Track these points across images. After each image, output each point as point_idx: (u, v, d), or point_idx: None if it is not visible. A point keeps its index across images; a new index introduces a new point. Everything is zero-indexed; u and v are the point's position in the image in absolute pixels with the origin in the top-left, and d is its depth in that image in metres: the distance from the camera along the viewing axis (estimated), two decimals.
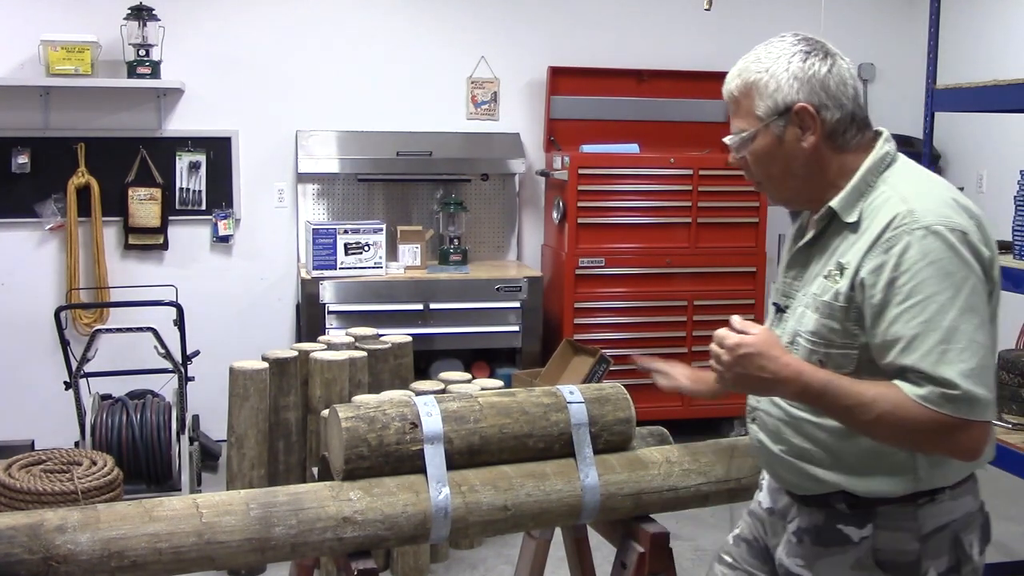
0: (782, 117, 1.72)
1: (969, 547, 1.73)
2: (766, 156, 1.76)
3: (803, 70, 1.72)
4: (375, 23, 5.58)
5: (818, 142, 1.73)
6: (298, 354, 4.03)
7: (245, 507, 1.91)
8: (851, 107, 1.74)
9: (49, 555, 1.76)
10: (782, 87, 1.72)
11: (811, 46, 1.75)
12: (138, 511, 1.86)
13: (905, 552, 1.69)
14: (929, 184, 1.72)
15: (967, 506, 1.75)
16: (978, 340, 1.59)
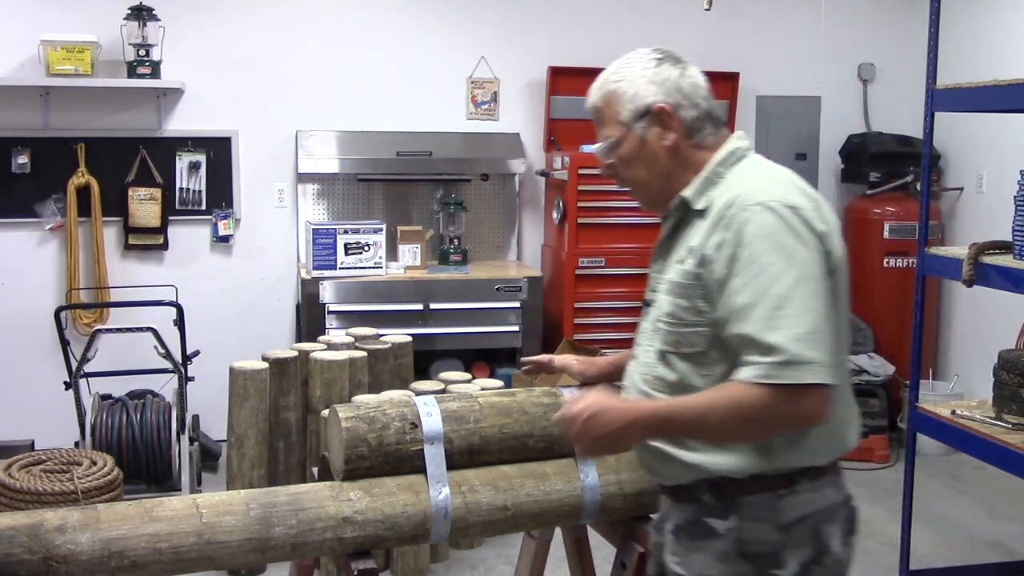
0: (643, 119, 1.84)
1: (829, 539, 1.75)
2: (633, 158, 1.86)
3: (658, 74, 1.85)
4: (375, 23, 5.58)
5: (678, 140, 1.84)
6: (298, 354, 4.03)
7: (245, 507, 1.91)
8: (706, 106, 1.87)
9: (49, 555, 1.76)
10: (640, 91, 1.83)
11: (663, 55, 1.89)
12: (138, 511, 1.86)
13: (766, 543, 1.72)
14: (772, 172, 1.82)
15: (829, 497, 1.76)
16: (812, 307, 1.64)
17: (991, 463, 3.44)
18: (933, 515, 4.63)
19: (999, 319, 5.09)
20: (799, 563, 1.72)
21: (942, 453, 5.30)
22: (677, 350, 1.78)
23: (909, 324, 3.94)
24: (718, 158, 1.83)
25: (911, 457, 3.80)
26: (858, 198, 5.97)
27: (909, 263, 5.46)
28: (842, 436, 1.79)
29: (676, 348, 1.78)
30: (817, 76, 5.95)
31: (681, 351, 1.78)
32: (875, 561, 4.15)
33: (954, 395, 5.18)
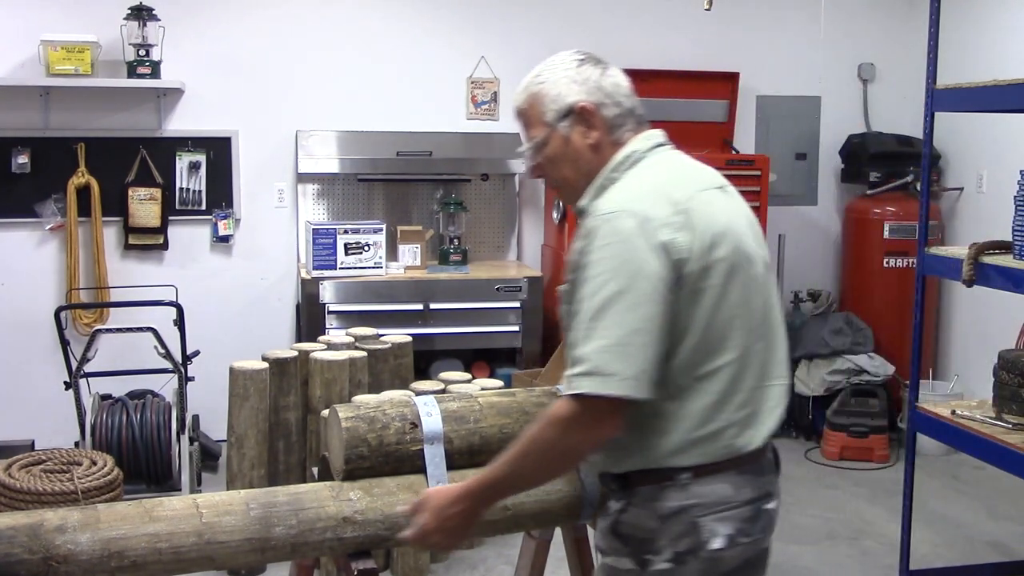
0: (567, 118, 1.87)
1: (709, 535, 1.74)
2: (558, 158, 1.90)
3: (579, 74, 1.88)
4: (375, 23, 5.58)
5: (601, 137, 1.87)
6: (298, 354, 4.03)
7: (245, 507, 1.91)
8: (628, 104, 1.90)
9: (49, 555, 1.76)
10: (563, 91, 1.87)
11: (584, 56, 1.92)
12: (138, 511, 1.86)
13: (643, 528, 1.76)
14: (645, 179, 1.82)
15: (718, 493, 1.75)
16: (626, 320, 1.65)
17: (991, 463, 3.44)
18: (933, 515, 4.63)
19: (999, 319, 5.09)
20: (673, 552, 1.74)
21: (942, 453, 5.30)
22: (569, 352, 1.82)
23: (909, 324, 3.94)
24: (613, 163, 1.86)
25: (911, 457, 3.80)
26: (858, 198, 5.97)
27: (909, 263, 5.46)
28: (727, 438, 1.76)
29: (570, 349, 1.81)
30: (817, 76, 5.95)
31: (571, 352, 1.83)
32: (875, 561, 4.15)
33: (954, 395, 5.18)
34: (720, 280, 1.74)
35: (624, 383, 1.64)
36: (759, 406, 1.80)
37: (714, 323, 1.73)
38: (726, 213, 1.82)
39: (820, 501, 4.82)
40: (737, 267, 1.77)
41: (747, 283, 1.79)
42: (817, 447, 5.57)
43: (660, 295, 1.67)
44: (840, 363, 5.55)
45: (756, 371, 1.79)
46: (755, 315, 1.80)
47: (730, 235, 1.78)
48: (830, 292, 6.08)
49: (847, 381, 5.51)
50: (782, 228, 5.86)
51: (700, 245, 1.72)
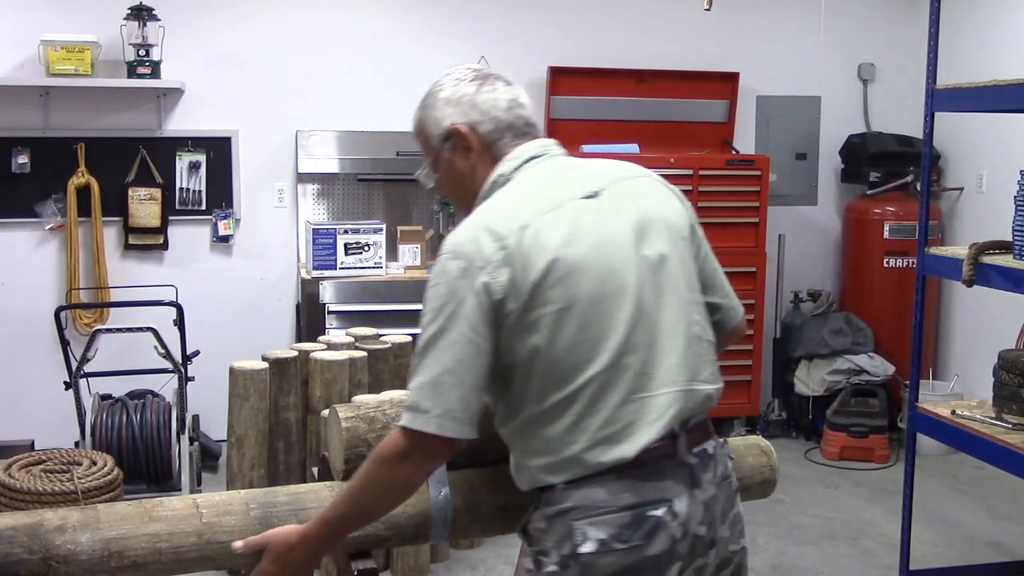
0: (447, 141, 1.90)
1: (582, 539, 1.72)
2: (448, 181, 1.95)
3: (454, 94, 1.90)
4: (375, 23, 5.58)
5: (477, 159, 1.89)
6: (298, 354, 4.03)
7: (245, 507, 1.91)
8: (506, 118, 1.89)
9: (49, 555, 1.75)
10: (439, 115, 1.90)
11: (463, 74, 1.93)
12: (138, 511, 1.86)
13: (538, 529, 1.79)
14: (495, 207, 1.82)
15: (591, 498, 1.73)
16: (440, 360, 1.70)
17: (991, 463, 3.44)
18: (933, 515, 4.63)
19: (999, 319, 5.09)
20: (559, 554, 1.74)
21: (942, 453, 5.30)
22: None
23: (909, 324, 3.94)
24: (484, 189, 1.88)
25: (911, 457, 3.80)
26: (858, 198, 5.97)
27: (909, 263, 5.46)
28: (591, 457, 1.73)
29: None
30: (817, 76, 5.95)
31: None
32: (875, 561, 4.15)
33: (954, 395, 5.18)
34: (553, 310, 1.72)
35: (431, 420, 1.69)
36: (635, 418, 1.74)
37: (555, 353, 1.72)
38: (570, 235, 1.74)
39: (820, 501, 4.82)
40: (575, 293, 1.72)
41: (597, 303, 1.73)
42: (817, 447, 5.57)
43: (475, 336, 1.71)
44: (840, 363, 5.55)
45: (626, 386, 1.74)
46: (619, 330, 1.73)
47: (565, 261, 1.72)
48: (830, 292, 6.08)
49: (847, 381, 5.51)
50: (782, 228, 5.86)
51: (523, 281, 1.71)
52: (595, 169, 1.90)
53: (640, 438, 1.74)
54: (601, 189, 1.83)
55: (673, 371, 1.78)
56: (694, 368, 1.80)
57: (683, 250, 1.85)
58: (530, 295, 1.71)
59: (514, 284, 1.71)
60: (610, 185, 1.85)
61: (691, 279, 1.86)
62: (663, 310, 1.78)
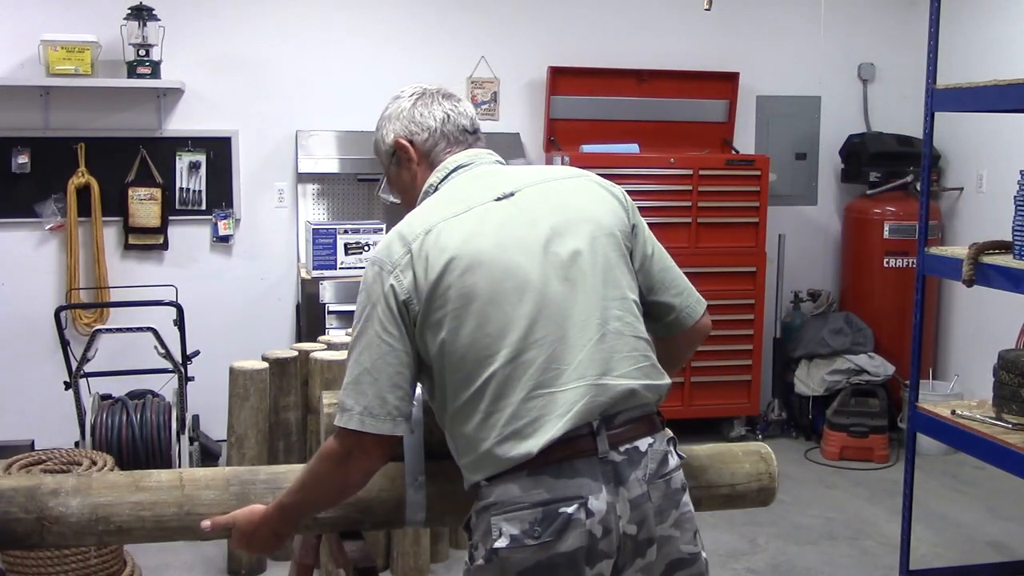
0: (393, 156, 2.01)
1: (497, 533, 1.78)
2: (399, 192, 2.06)
3: (395, 111, 2.01)
4: (375, 23, 5.59)
5: (417, 167, 1.99)
6: (298, 354, 4.04)
7: (226, 483, 2.00)
8: (440, 127, 1.97)
9: (43, 516, 1.89)
10: (384, 133, 2.02)
11: (405, 92, 2.03)
12: (127, 481, 1.98)
13: (471, 523, 1.88)
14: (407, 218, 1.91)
15: (507, 494, 1.77)
16: (360, 361, 1.80)
17: (991, 463, 3.44)
18: (933, 515, 4.63)
19: (999, 319, 5.10)
20: (484, 549, 1.82)
21: (942, 453, 5.30)
22: None
23: (909, 324, 3.94)
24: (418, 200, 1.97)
25: (911, 457, 3.80)
26: (858, 198, 5.97)
27: (909, 263, 5.46)
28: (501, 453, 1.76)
29: None
30: (817, 76, 5.95)
31: None
32: (875, 561, 4.15)
33: (954, 395, 5.18)
34: (453, 307, 1.78)
35: (353, 418, 1.78)
36: (541, 414, 1.75)
37: (458, 349, 1.78)
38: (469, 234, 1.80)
39: (820, 501, 4.82)
40: (473, 288, 1.77)
41: (497, 299, 1.77)
42: (817, 447, 5.57)
43: (386, 336, 1.80)
44: (840, 363, 5.55)
45: (530, 381, 1.76)
46: (519, 325, 1.76)
47: (463, 258, 1.78)
48: (830, 292, 6.09)
49: (847, 381, 5.51)
50: (782, 228, 5.87)
51: (424, 281, 1.79)
52: (518, 174, 1.95)
53: (546, 433, 1.75)
54: (516, 190, 1.88)
55: (583, 366, 1.78)
56: (607, 362, 1.80)
57: (607, 247, 1.86)
58: (430, 294, 1.79)
59: (416, 285, 1.80)
60: (527, 187, 1.89)
61: (613, 275, 1.85)
62: (573, 306, 1.80)
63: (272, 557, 4.03)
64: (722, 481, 2.19)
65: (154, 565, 3.93)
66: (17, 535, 1.88)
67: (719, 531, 4.28)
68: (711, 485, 2.20)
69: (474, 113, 2.04)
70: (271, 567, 4.00)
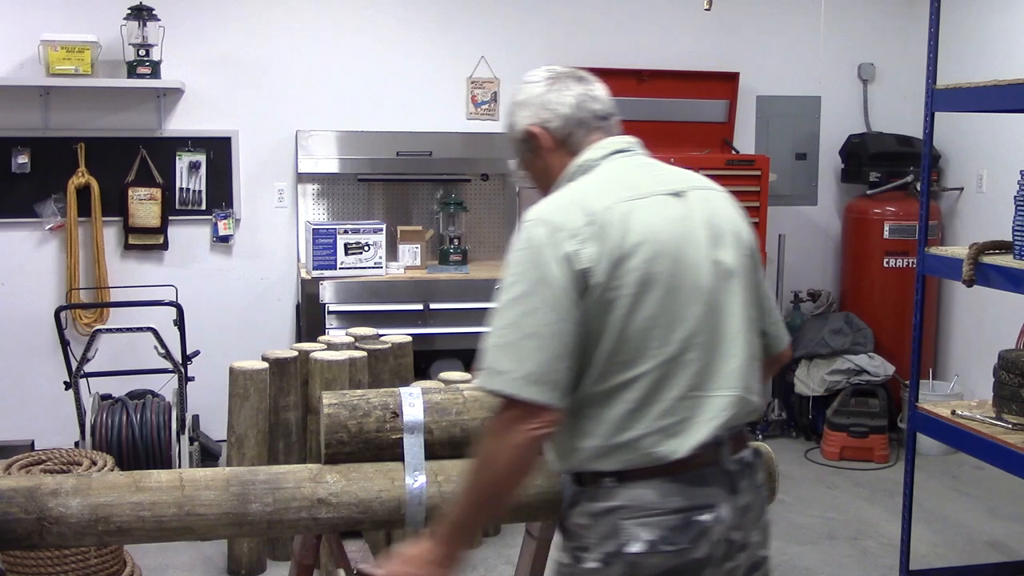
0: (525, 142, 1.99)
1: (630, 539, 1.75)
2: (532, 177, 2.05)
3: (525, 97, 1.98)
4: (375, 23, 5.58)
5: (551, 153, 1.96)
6: (298, 354, 4.04)
7: (226, 484, 2.00)
8: (574, 113, 1.93)
9: (43, 516, 1.88)
10: (516, 119, 1.99)
11: (537, 77, 1.99)
12: (127, 481, 1.98)
13: (579, 526, 1.81)
14: (578, 188, 1.86)
15: (641, 498, 1.76)
16: (521, 323, 1.71)
17: (991, 463, 3.44)
18: (933, 515, 4.63)
19: (999, 319, 5.10)
20: (602, 552, 1.77)
21: (942, 453, 5.30)
22: None
23: (909, 324, 3.94)
24: (567, 172, 1.92)
25: (911, 457, 3.80)
26: (858, 198, 5.97)
27: (909, 263, 5.46)
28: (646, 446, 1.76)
29: None
30: (817, 76, 5.95)
31: None
32: (875, 561, 4.15)
33: (954, 395, 5.18)
34: (632, 290, 1.74)
35: (512, 382, 1.69)
36: (690, 415, 1.78)
37: (627, 333, 1.75)
38: (656, 222, 1.79)
39: (820, 501, 4.82)
40: (656, 277, 1.76)
41: (674, 292, 1.77)
42: (817, 447, 5.57)
43: (560, 304, 1.72)
44: (840, 363, 5.56)
45: (685, 381, 1.77)
46: (687, 324, 1.77)
47: (651, 244, 1.76)
48: (830, 292, 6.08)
49: (847, 381, 5.51)
50: (782, 228, 5.87)
51: (609, 256, 1.74)
52: (678, 173, 1.95)
53: (694, 435, 1.77)
54: (685, 191, 1.88)
55: (732, 377, 1.82)
56: (749, 378, 1.85)
57: (749, 266, 1.90)
58: (612, 271, 1.74)
59: (601, 258, 1.74)
60: (692, 190, 1.90)
61: (753, 297, 1.90)
62: (729, 317, 1.83)
63: (272, 556, 4.03)
64: None
65: (154, 565, 3.93)
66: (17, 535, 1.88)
67: None
68: None
69: (607, 95, 1.99)
70: (271, 567, 4.00)
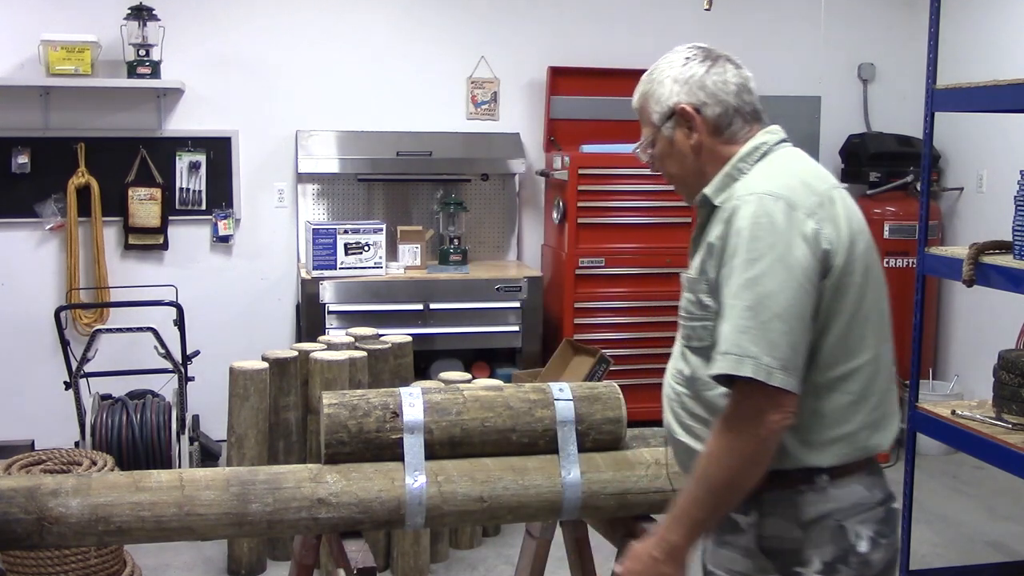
0: (670, 120, 1.87)
1: (856, 538, 1.71)
2: (665, 157, 1.91)
3: (682, 73, 1.87)
4: (375, 23, 5.58)
5: (702, 138, 1.85)
6: (298, 354, 4.04)
7: (226, 484, 2.00)
8: (733, 102, 1.87)
9: (43, 516, 1.89)
10: (666, 93, 1.87)
11: (694, 52, 1.91)
12: (127, 481, 1.98)
13: (787, 539, 1.71)
14: (787, 167, 1.80)
15: (855, 495, 1.73)
16: (766, 305, 1.62)
17: (991, 463, 3.44)
18: (933, 515, 4.63)
19: (999, 319, 5.09)
20: (822, 561, 1.70)
21: (942, 453, 5.30)
22: (689, 344, 1.80)
23: (909, 324, 3.94)
24: (741, 153, 1.83)
25: (911, 457, 3.80)
26: (858, 198, 5.95)
27: (909, 263, 5.45)
28: (861, 439, 1.74)
29: (688, 342, 1.81)
30: (817, 76, 5.95)
31: (692, 345, 1.79)
32: None
33: (954, 395, 5.18)
34: (859, 279, 1.72)
35: (763, 368, 1.60)
36: (890, 409, 1.80)
37: (854, 321, 1.71)
38: (856, 211, 1.79)
39: None
40: (871, 266, 1.75)
41: (877, 284, 1.77)
42: None
43: (802, 285, 1.64)
44: None
45: (886, 373, 1.79)
46: (884, 317, 1.79)
47: (864, 233, 1.76)
48: None
49: None
50: None
51: (842, 239, 1.70)
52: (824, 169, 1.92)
53: (893, 428, 1.80)
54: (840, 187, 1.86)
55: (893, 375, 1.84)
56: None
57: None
58: (847, 255, 1.70)
59: (838, 240, 1.70)
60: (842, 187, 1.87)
61: None
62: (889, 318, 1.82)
63: (272, 556, 4.03)
64: None
65: (154, 565, 3.93)
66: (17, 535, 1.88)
67: None
68: None
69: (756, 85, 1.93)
70: (271, 567, 4.00)
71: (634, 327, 5.37)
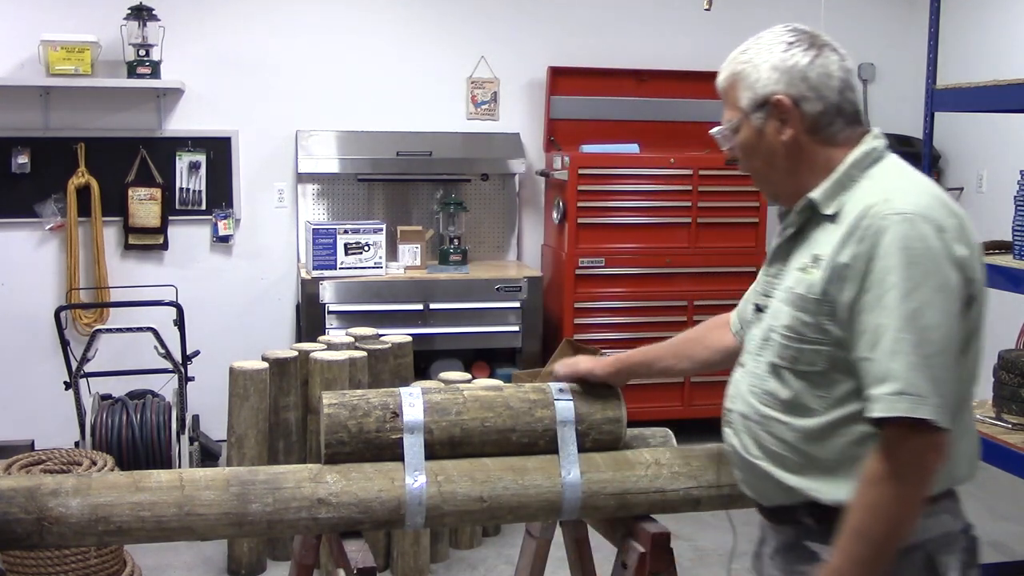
0: (761, 109, 1.70)
1: (946, 570, 1.62)
2: (749, 149, 1.74)
3: (783, 60, 1.71)
4: (375, 23, 5.59)
5: (798, 135, 1.69)
6: (298, 354, 4.03)
7: (226, 484, 2.00)
8: (836, 99, 1.69)
9: (43, 516, 1.89)
10: (762, 78, 1.70)
11: (797, 36, 1.75)
12: (127, 481, 1.98)
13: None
14: (913, 180, 1.66)
15: (945, 525, 1.64)
16: (928, 338, 1.51)
17: (991, 463, 3.43)
18: None
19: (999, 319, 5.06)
20: None
21: None
22: (793, 366, 1.66)
23: None
24: (852, 158, 1.67)
25: None
26: None
27: None
28: (954, 468, 1.64)
29: (792, 364, 1.66)
30: None
31: (798, 368, 1.65)
32: None
33: None
34: (983, 308, 1.62)
35: (935, 409, 1.50)
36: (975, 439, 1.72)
37: (978, 355, 1.63)
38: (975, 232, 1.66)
39: None
40: (983, 295, 1.63)
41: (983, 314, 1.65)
42: None
43: (955, 315, 1.54)
44: None
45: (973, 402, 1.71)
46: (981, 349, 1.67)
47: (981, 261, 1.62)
48: None
49: None
50: None
51: (978, 266, 1.59)
52: None
53: (977, 455, 1.71)
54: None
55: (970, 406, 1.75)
56: None
57: None
58: (981, 286, 1.59)
59: (976, 266, 1.58)
60: None
61: None
62: None
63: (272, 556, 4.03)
64: (722, 481, 2.19)
65: (154, 565, 3.93)
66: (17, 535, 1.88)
67: (719, 531, 4.27)
68: (711, 485, 2.21)
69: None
70: (271, 567, 4.00)
71: (634, 327, 5.37)
